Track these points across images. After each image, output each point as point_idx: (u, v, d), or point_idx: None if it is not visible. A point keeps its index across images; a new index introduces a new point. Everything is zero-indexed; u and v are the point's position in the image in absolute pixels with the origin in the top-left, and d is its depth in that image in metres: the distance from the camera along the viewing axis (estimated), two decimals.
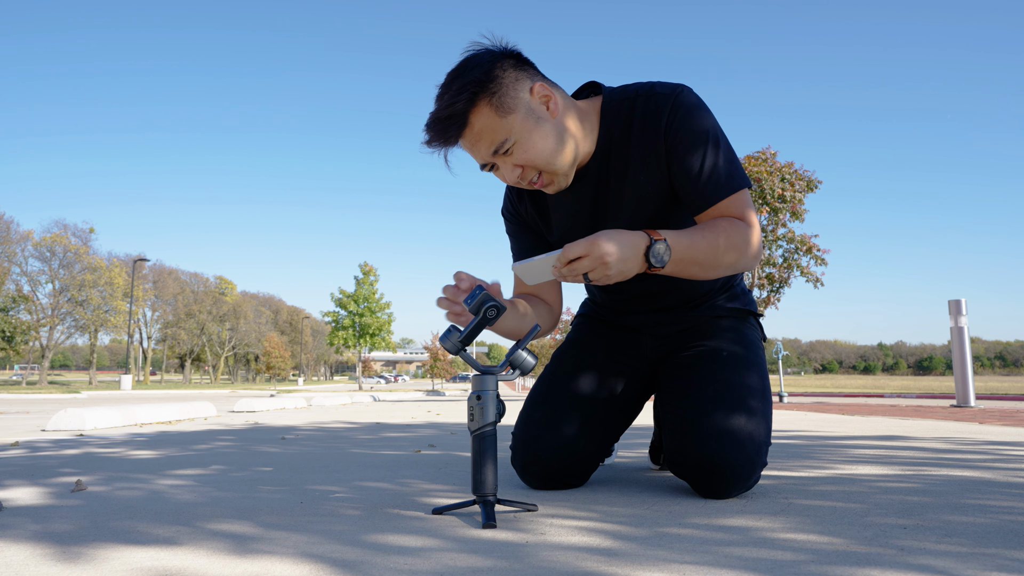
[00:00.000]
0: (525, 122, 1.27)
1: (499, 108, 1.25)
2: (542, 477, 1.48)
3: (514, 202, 1.59)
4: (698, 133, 1.32)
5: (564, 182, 1.37)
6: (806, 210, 15.17)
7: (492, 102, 1.25)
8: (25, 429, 4.45)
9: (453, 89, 1.24)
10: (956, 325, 6.51)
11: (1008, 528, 1.06)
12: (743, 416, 1.34)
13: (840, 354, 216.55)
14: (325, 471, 1.91)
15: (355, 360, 57.46)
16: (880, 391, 24.07)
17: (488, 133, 1.26)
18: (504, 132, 1.26)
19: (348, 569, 0.86)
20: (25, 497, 1.50)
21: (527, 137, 1.28)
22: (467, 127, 1.26)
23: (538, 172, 1.33)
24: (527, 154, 1.29)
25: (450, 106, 1.24)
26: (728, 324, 1.56)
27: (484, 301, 1.17)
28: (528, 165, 1.30)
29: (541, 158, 1.30)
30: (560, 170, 1.34)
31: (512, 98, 1.26)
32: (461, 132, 1.26)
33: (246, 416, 5.68)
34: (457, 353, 1.20)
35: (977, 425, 3.67)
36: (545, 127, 1.29)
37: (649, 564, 0.87)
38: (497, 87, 1.25)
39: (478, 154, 1.30)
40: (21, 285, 36.20)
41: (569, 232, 1.50)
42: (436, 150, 1.29)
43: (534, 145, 1.29)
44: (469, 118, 1.25)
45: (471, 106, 1.24)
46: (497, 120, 1.25)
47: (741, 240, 1.30)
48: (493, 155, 1.29)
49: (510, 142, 1.27)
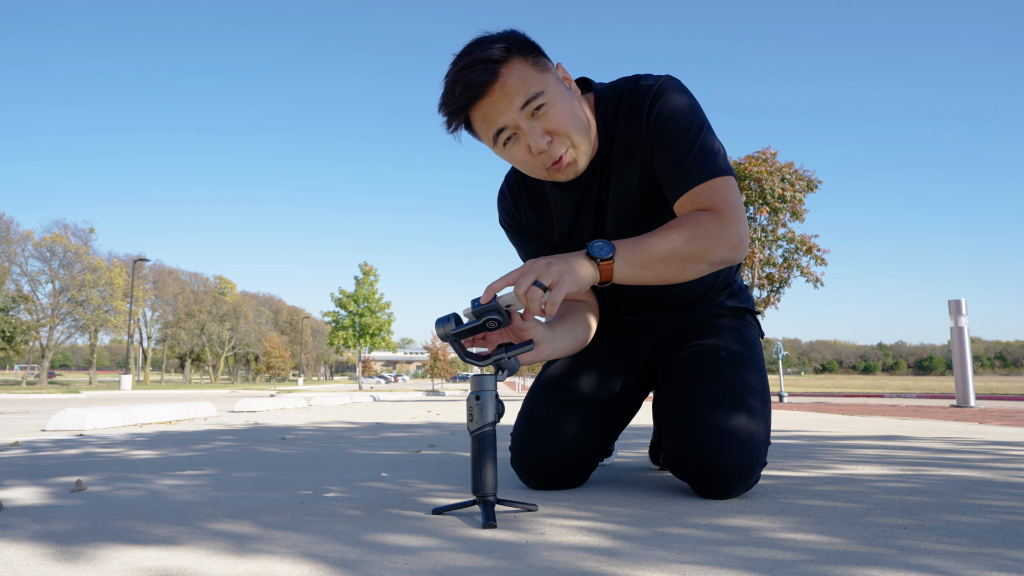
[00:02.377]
0: (558, 86, 1.24)
1: (535, 64, 1.20)
2: (541, 477, 1.48)
3: (511, 211, 1.55)
4: (677, 119, 1.28)
5: (584, 162, 1.30)
6: (806, 210, 15.16)
7: (527, 59, 1.20)
8: (25, 429, 4.45)
9: (484, 43, 1.18)
10: (956, 325, 6.51)
11: (1008, 528, 1.06)
12: (743, 415, 1.33)
13: (840, 354, 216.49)
14: (325, 471, 1.91)
15: (355, 360, 57.46)
16: (880, 391, 24.06)
17: (523, 83, 1.18)
18: (540, 84, 1.20)
19: (348, 569, 0.86)
20: (25, 497, 1.50)
21: (561, 100, 1.22)
22: (497, 79, 1.17)
23: (566, 145, 1.25)
24: (561, 117, 1.22)
25: (485, 52, 1.17)
26: (726, 323, 1.55)
27: (489, 311, 1.16)
28: (560, 132, 1.23)
29: (572, 126, 1.24)
30: (585, 146, 1.28)
31: (545, 62, 1.23)
32: (494, 78, 1.17)
33: (246, 416, 5.68)
34: (445, 339, 1.19)
35: (977, 425, 3.67)
36: (572, 102, 1.26)
37: (649, 564, 0.87)
38: (531, 49, 1.22)
39: (508, 107, 1.19)
40: (21, 285, 36.23)
41: (574, 232, 1.48)
42: (456, 109, 1.21)
43: (568, 109, 1.23)
44: (500, 70, 1.17)
45: (507, 56, 1.18)
46: (534, 73, 1.20)
47: (707, 234, 1.21)
48: (523, 108, 1.19)
49: (545, 97, 1.20)
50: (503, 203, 1.56)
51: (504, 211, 1.57)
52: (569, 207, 1.46)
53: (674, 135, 1.29)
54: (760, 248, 15.34)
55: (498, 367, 1.19)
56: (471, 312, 1.17)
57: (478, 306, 1.15)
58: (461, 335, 1.18)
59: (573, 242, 1.51)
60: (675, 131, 1.29)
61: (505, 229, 1.60)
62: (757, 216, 15.19)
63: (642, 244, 1.19)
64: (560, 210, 1.47)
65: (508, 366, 1.19)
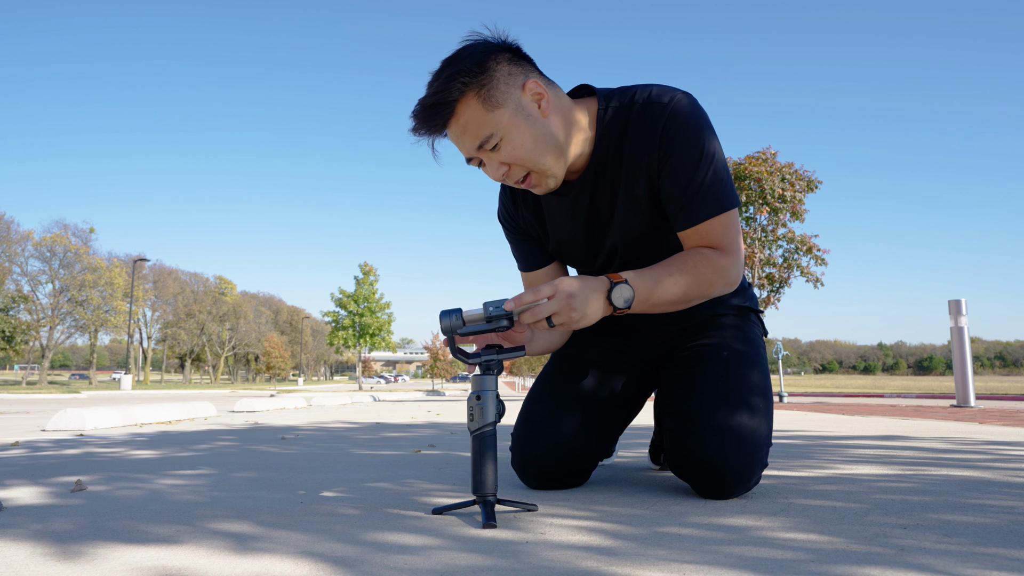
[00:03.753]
0: (513, 118, 1.24)
1: (487, 101, 1.22)
2: (541, 477, 1.48)
3: (510, 209, 1.55)
4: (691, 148, 1.28)
5: (553, 184, 1.33)
6: (806, 210, 15.15)
7: (480, 94, 1.21)
8: (25, 429, 4.45)
9: (443, 77, 1.21)
10: (956, 325, 6.51)
11: (1008, 528, 1.06)
12: (745, 414, 1.33)
13: (840, 354, 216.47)
14: (325, 471, 1.91)
15: (355, 360, 57.45)
16: (880, 391, 24.06)
17: (473, 126, 1.23)
18: (490, 127, 1.23)
19: (348, 568, 0.87)
20: (25, 497, 1.50)
21: (514, 134, 1.24)
22: (453, 117, 1.23)
23: (525, 172, 1.29)
24: (514, 152, 1.25)
25: (437, 94, 1.21)
26: (729, 321, 1.55)
27: (502, 319, 1.17)
28: (514, 163, 1.27)
29: (528, 157, 1.26)
30: (548, 171, 1.29)
31: (502, 92, 1.23)
32: (447, 122, 1.23)
33: (246, 416, 5.68)
34: (448, 334, 1.19)
35: (977, 425, 3.67)
36: (534, 126, 1.26)
37: (649, 564, 0.87)
38: (488, 79, 1.22)
39: (463, 147, 1.27)
40: (21, 285, 36.25)
41: (565, 242, 1.49)
42: (422, 138, 1.27)
43: (522, 143, 1.25)
44: (456, 108, 1.22)
45: (459, 95, 1.21)
46: (484, 113, 1.22)
47: (714, 275, 1.30)
48: (478, 150, 1.25)
49: (496, 137, 1.23)
50: (502, 198, 1.56)
51: (503, 206, 1.57)
52: (561, 214, 1.45)
53: (685, 164, 1.29)
54: (760, 248, 15.33)
55: (487, 367, 1.19)
56: (483, 316, 1.18)
57: (492, 313, 1.17)
58: (468, 333, 1.18)
59: (564, 250, 1.51)
60: (686, 160, 1.28)
61: (502, 224, 1.60)
62: (757, 216, 15.18)
63: (657, 289, 1.26)
64: (553, 215, 1.47)
65: (496, 367, 1.19)
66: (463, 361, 1.21)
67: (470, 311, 1.19)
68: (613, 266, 1.48)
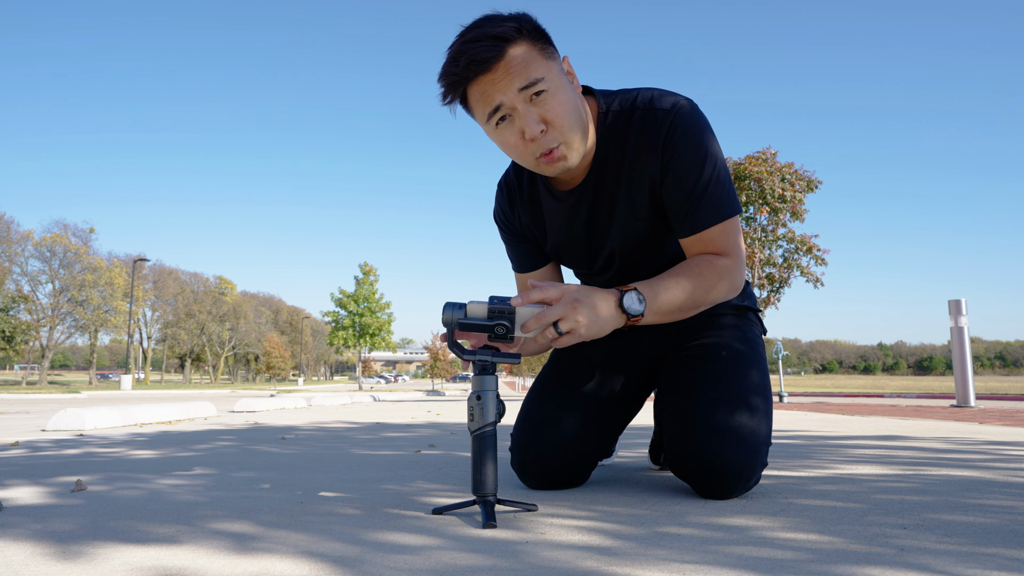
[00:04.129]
0: (560, 78, 1.20)
1: (542, 50, 1.18)
2: (541, 477, 1.48)
3: (506, 210, 1.52)
4: (694, 154, 1.27)
5: (575, 160, 1.26)
6: (806, 210, 15.16)
7: (536, 43, 1.18)
8: (25, 429, 4.45)
9: (495, 20, 1.16)
10: (956, 325, 6.51)
11: (1008, 528, 1.06)
12: (744, 414, 1.33)
13: (840, 354, 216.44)
14: (325, 471, 1.91)
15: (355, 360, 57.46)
16: (880, 391, 24.06)
17: (525, 65, 1.16)
18: (543, 70, 1.17)
19: (348, 567, 0.87)
20: (25, 497, 1.50)
21: (562, 92, 1.19)
22: (503, 57, 1.15)
23: (557, 140, 1.22)
24: (559, 108, 1.19)
25: (495, 28, 1.15)
26: (728, 321, 1.55)
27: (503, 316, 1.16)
28: (555, 122, 1.20)
29: (567, 121, 1.20)
30: (574, 146, 1.24)
31: (552, 52, 1.21)
32: (500, 54, 1.15)
33: (246, 416, 5.68)
34: (448, 325, 1.18)
35: (977, 425, 3.67)
36: (573, 96, 1.23)
37: (649, 563, 0.87)
38: (541, 35, 1.19)
39: (508, 86, 1.16)
40: (21, 285, 36.22)
41: (564, 245, 1.48)
42: (456, 81, 1.18)
43: (565, 103, 1.20)
44: (507, 49, 1.15)
45: (516, 36, 1.15)
46: (539, 57, 1.17)
47: (720, 281, 1.31)
48: (523, 90, 1.16)
49: (545, 83, 1.17)
50: (499, 198, 1.54)
51: (499, 206, 1.54)
52: (560, 217, 1.44)
53: (688, 171, 1.28)
54: (760, 248, 15.33)
55: (481, 367, 1.19)
56: (485, 309, 1.17)
57: (495, 303, 1.16)
58: (466, 327, 1.17)
59: (562, 252, 1.51)
60: (689, 167, 1.28)
61: (498, 225, 1.58)
62: (757, 216, 15.19)
63: (666, 296, 1.26)
64: (552, 218, 1.46)
65: (490, 368, 1.19)
66: (458, 356, 1.20)
67: (474, 302, 1.18)
68: (612, 270, 1.49)
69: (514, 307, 1.16)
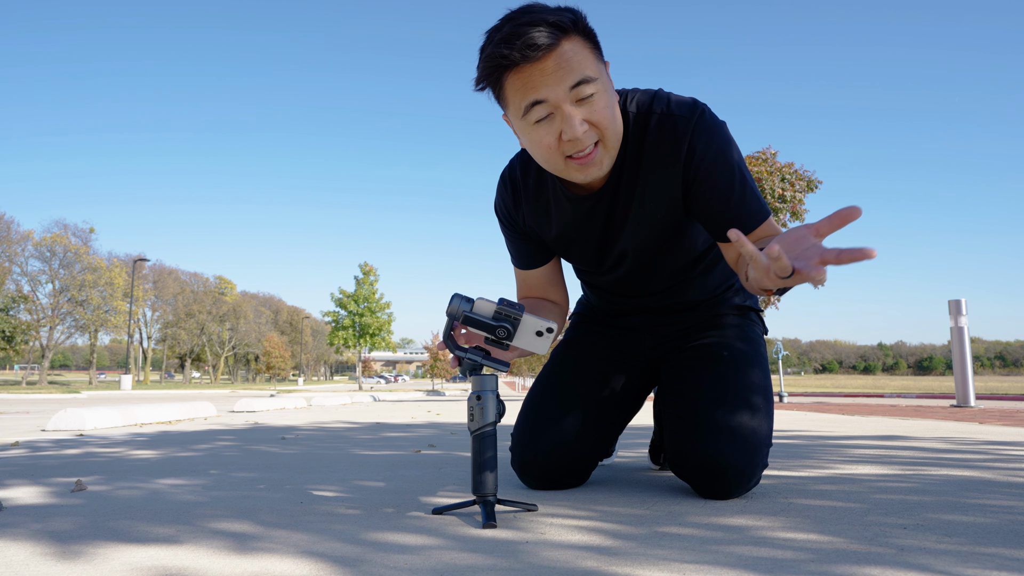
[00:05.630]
0: (607, 83, 1.18)
1: (594, 50, 1.15)
2: (541, 477, 1.48)
3: (509, 206, 1.47)
4: (724, 165, 1.26)
5: (607, 167, 1.23)
6: (806, 210, 15.15)
7: (589, 43, 1.13)
8: (25, 429, 4.45)
9: (550, 9, 1.11)
10: (956, 325, 6.51)
11: (1008, 528, 1.06)
12: (745, 413, 1.33)
13: (840, 354, 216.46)
14: (325, 471, 1.91)
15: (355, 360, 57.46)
16: (880, 391, 24.05)
17: (578, 62, 1.11)
18: (595, 70, 1.13)
19: (348, 567, 0.87)
20: (25, 497, 1.50)
21: (608, 95, 1.17)
22: (557, 48, 1.09)
23: (597, 140, 1.18)
24: (606, 111, 1.16)
25: (553, 16, 1.09)
26: (730, 320, 1.55)
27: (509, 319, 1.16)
28: (599, 124, 1.16)
29: (611, 123, 1.18)
30: (614, 148, 1.22)
31: (600, 54, 1.17)
32: (559, 41, 1.09)
33: (246, 416, 5.68)
34: (452, 317, 1.17)
35: (977, 425, 3.67)
36: (616, 104, 1.21)
37: (649, 563, 0.87)
38: (593, 35, 1.15)
39: (555, 82, 1.10)
40: (21, 285, 36.21)
41: (573, 247, 1.46)
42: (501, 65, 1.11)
43: (611, 105, 1.17)
44: (563, 40, 1.09)
45: (572, 29, 1.10)
46: (591, 56, 1.13)
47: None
48: (572, 89, 1.11)
49: (596, 85, 1.13)
50: (502, 192, 1.48)
51: (501, 200, 1.49)
52: (573, 219, 1.40)
53: (721, 183, 1.26)
54: None
55: (471, 367, 1.18)
56: (493, 308, 1.16)
57: (503, 304, 1.16)
58: (469, 321, 1.17)
59: (571, 254, 1.49)
60: (721, 176, 1.26)
61: (499, 218, 1.53)
62: None
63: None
64: (563, 220, 1.42)
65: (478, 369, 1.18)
66: (450, 348, 1.20)
67: (483, 299, 1.17)
68: (620, 269, 1.48)
69: (521, 314, 1.16)
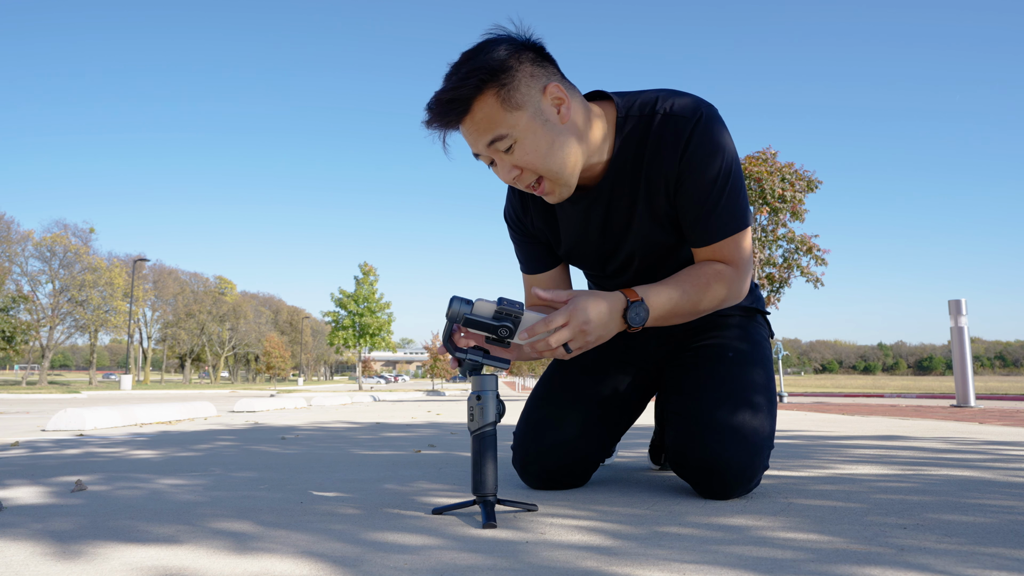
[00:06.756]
0: (531, 122, 1.20)
1: (505, 101, 1.18)
2: (542, 477, 1.48)
3: (518, 211, 1.50)
4: (710, 166, 1.26)
5: (566, 192, 1.29)
6: (806, 210, 15.15)
7: (500, 94, 1.17)
8: (25, 429, 4.45)
9: (462, 72, 1.17)
10: (956, 325, 6.51)
11: (1008, 528, 1.06)
12: (747, 412, 1.33)
13: (840, 354, 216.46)
14: (325, 471, 1.91)
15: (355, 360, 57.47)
16: (880, 391, 24.04)
17: (488, 124, 1.19)
18: (505, 127, 1.19)
19: (348, 567, 0.87)
20: (26, 496, 1.50)
21: (530, 139, 1.20)
22: (468, 114, 1.19)
23: (537, 177, 1.25)
24: (527, 156, 1.22)
25: (455, 89, 1.17)
26: (735, 322, 1.55)
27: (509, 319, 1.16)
28: (527, 168, 1.23)
29: (542, 164, 1.22)
30: (561, 179, 1.25)
31: (522, 94, 1.19)
32: (461, 118, 1.20)
33: (246, 416, 5.68)
34: (453, 319, 1.17)
35: (977, 425, 3.67)
36: (551, 132, 1.22)
37: (649, 563, 0.87)
38: (508, 79, 1.18)
39: (475, 144, 1.23)
40: (21, 285, 36.21)
41: (576, 249, 1.47)
42: (434, 131, 1.23)
43: (536, 149, 1.21)
44: (472, 105, 1.18)
45: (476, 92, 1.17)
46: (501, 113, 1.18)
47: (725, 291, 1.33)
48: (489, 147, 1.21)
49: (510, 139, 1.20)
50: (511, 198, 1.52)
51: (511, 205, 1.52)
52: (575, 220, 1.42)
53: (702, 183, 1.27)
54: (760, 248, 15.33)
55: (471, 367, 1.18)
56: (493, 308, 1.16)
57: (504, 304, 1.16)
58: (470, 323, 1.17)
59: (575, 256, 1.50)
60: (704, 179, 1.27)
61: (508, 224, 1.56)
62: (757, 216, 15.19)
63: (670, 306, 1.29)
64: (565, 221, 1.44)
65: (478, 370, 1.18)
66: (450, 352, 1.20)
67: (483, 300, 1.17)
68: (628, 272, 1.47)
69: (522, 312, 1.16)
